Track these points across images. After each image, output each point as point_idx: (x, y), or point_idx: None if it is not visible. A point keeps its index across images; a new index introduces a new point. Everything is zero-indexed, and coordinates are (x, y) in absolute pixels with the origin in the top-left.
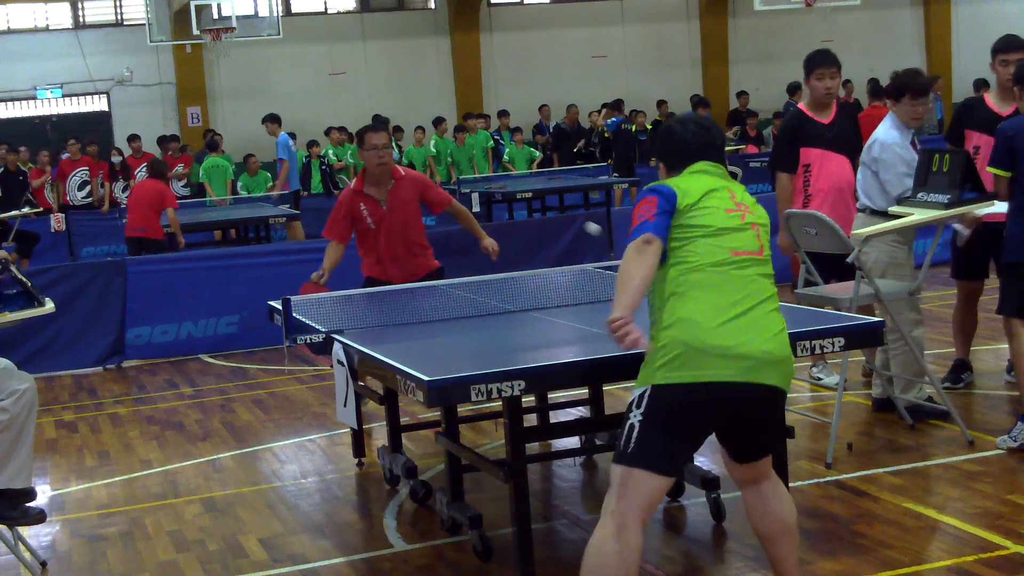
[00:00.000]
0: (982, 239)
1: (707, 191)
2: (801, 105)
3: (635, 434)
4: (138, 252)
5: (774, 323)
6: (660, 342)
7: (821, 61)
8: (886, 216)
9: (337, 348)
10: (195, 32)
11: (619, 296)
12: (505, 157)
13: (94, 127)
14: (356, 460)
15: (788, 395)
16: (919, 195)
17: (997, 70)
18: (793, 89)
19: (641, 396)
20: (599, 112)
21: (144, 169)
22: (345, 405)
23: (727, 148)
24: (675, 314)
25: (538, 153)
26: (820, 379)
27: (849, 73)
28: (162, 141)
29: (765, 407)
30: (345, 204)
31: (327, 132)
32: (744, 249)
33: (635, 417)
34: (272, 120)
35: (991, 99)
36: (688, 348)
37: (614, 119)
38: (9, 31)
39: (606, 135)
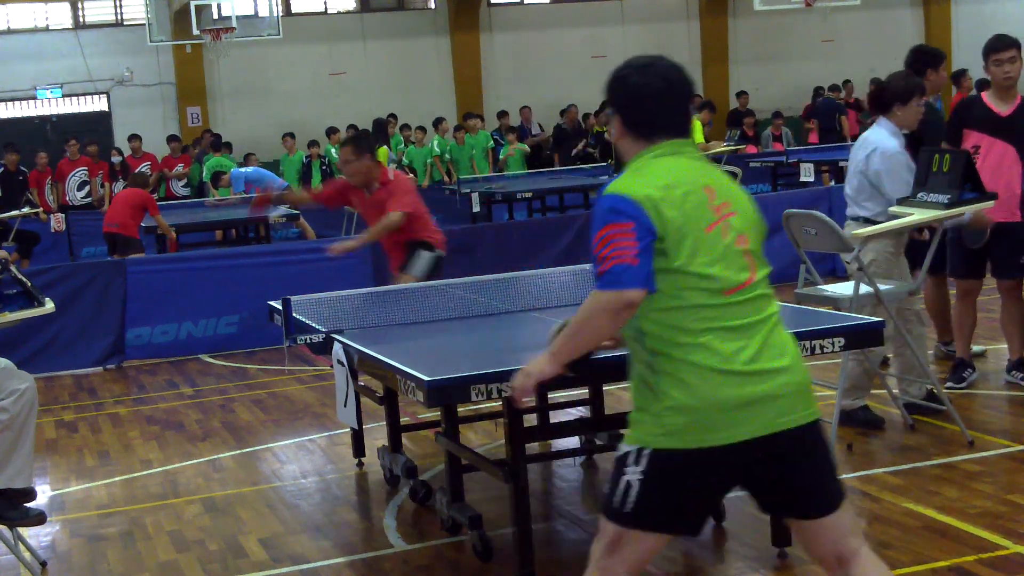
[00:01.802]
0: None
1: (683, 206)
2: (984, 94)
3: (633, 493)
4: (113, 248)
5: (782, 346)
6: (657, 406)
7: (995, 45)
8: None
9: (337, 348)
10: (195, 32)
11: (561, 346)
12: (501, 154)
13: (94, 127)
14: (356, 460)
15: None
16: (919, 195)
17: (991, 71)
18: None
19: (639, 454)
20: (595, 115)
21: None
22: (345, 405)
23: (727, 148)
24: (668, 378)
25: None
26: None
27: (849, 73)
28: (171, 140)
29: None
30: (344, 183)
31: (328, 132)
32: (735, 283)
33: (632, 474)
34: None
35: (989, 98)
36: (694, 414)
37: None
38: (9, 31)
39: (605, 135)
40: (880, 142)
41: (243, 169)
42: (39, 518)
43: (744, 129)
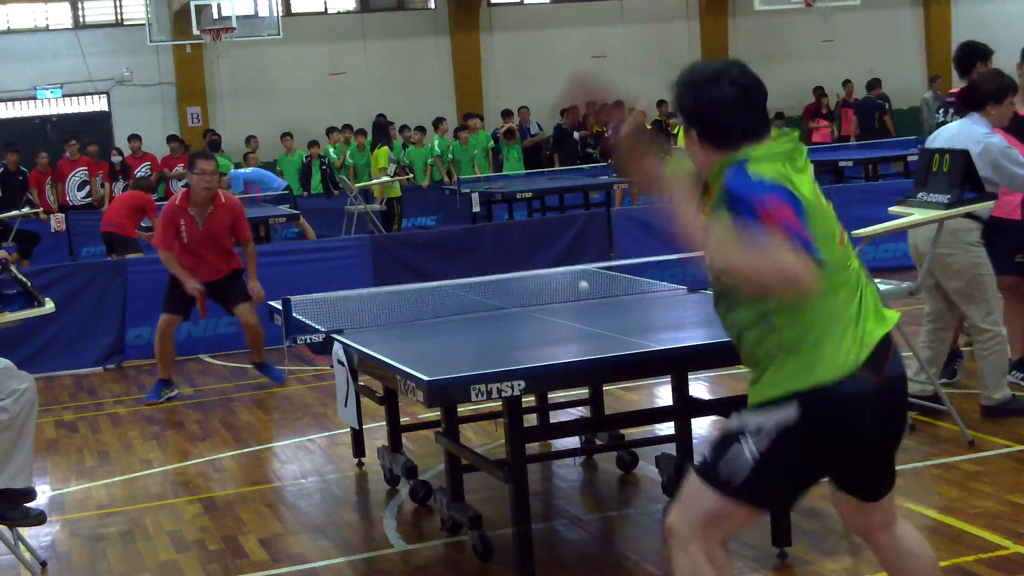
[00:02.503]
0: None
1: (804, 182)
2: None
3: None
4: (111, 248)
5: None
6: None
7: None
8: (972, 219)
9: (337, 348)
10: (195, 32)
11: (685, 223)
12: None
13: (94, 127)
14: (356, 460)
15: None
16: (919, 195)
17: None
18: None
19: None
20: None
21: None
22: (345, 405)
23: None
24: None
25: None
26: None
27: (849, 73)
28: (171, 140)
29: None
30: (170, 216)
31: (329, 132)
32: (839, 237)
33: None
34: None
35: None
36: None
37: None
38: (9, 31)
39: (606, 135)
40: (986, 136)
41: (242, 170)
42: (39, 518)
43: None
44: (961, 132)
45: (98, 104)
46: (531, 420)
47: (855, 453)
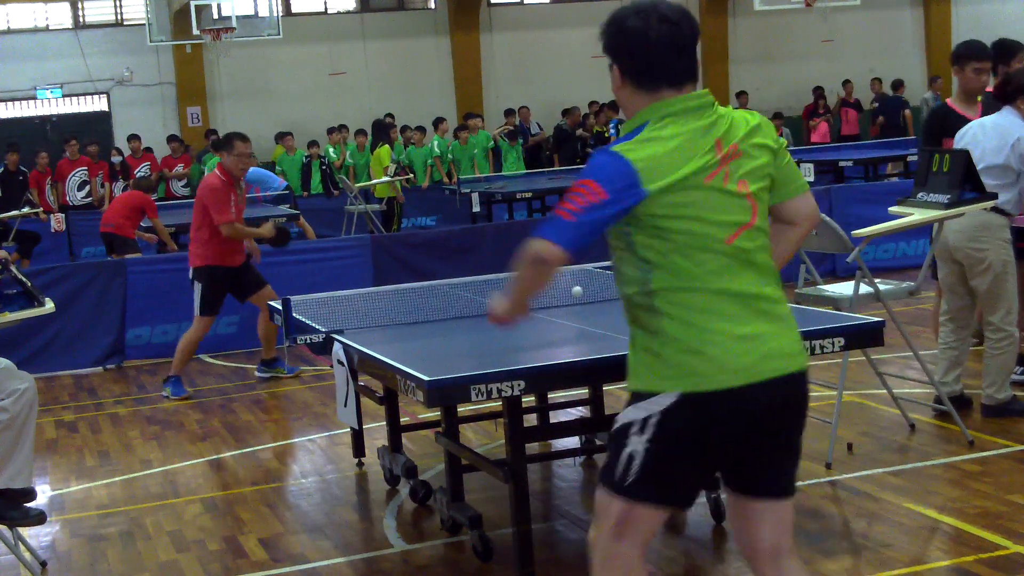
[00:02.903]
0: None
1: (686, 173)
2: (950, 101)
3: (644, 457)
4: (111, 248)
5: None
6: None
7: (977, 54)
8: (1003, 214)
9: (337, 348)
10: (195, 32)
11: (510, 297)
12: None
13: (94, 127)
14: (356, 460)
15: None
16: (919, 195)
17: (968, 77)
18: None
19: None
20: (595, 116)
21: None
22: (345, 405)
23: None
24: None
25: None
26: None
27: (849, 73)
28: (171, 140)
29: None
30: (225, 191)
31: (329, 132)
32: (737, 225)
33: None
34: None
35: (957, 105)
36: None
37: (614, 119)
38: (9, 31)
39: (606, 135)
40: (1019, 128)
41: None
42: (39, 518)
43: None
44: (995, 126)
45: (98, 104)
46: (531, 420)
47: (734, 449)
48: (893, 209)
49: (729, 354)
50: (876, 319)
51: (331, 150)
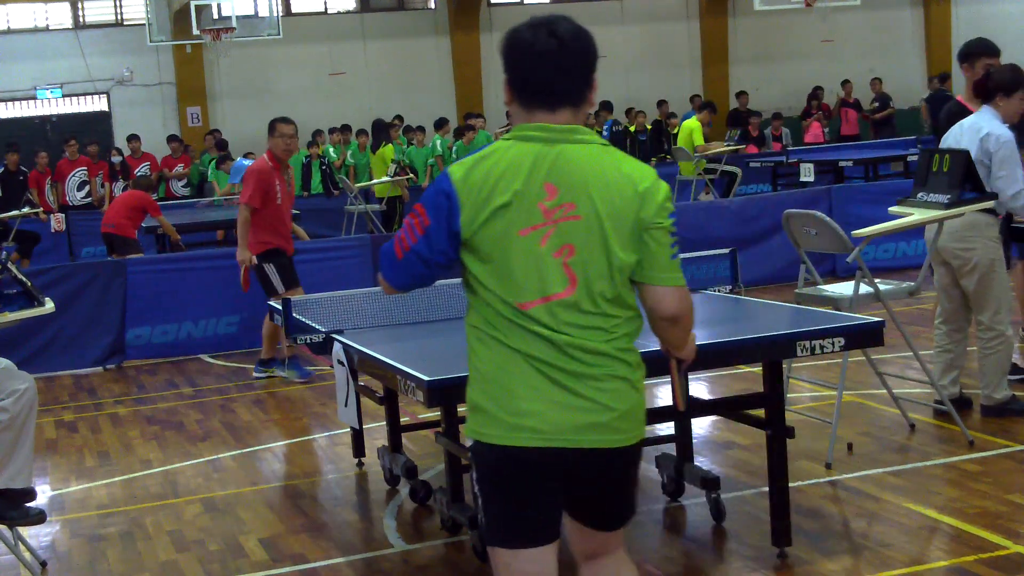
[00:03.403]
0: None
1: (499, 204)
2: (961, 98)
3: (479, 503)
4: (111, 248)
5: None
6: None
7: (988, 51)
8: (991, 213)
9: (337, 348)
10: (195, 32)
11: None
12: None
13: (94, 127)
14: (356, 460)
15: (785, 397)
16: (919, 195)
17: (978, 74)
18: (944, 78)
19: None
20: (595, 116)
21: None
22: (345, 405)
23: (727, 148)
24: (473, 366)
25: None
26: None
27: (849, 73)
28: (171, 140)
29: (593, 472)
30: (265, 176)
31: (331, 132)
32: (539, 296)
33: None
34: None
35: (968, 102)
36: (489, 407)
37: (608, 120)
38: (9, 31)
39: (602, 135)
40: (994, 128)
41: (246, 161)
42: (39, 518)
43: (749, 130)
44: (972, 125)
45: (98, 104)
46: None
47: (535, 492)
48: (893, 209)
49: (506, 415)
50: (876, 319)
51: (332, 150)
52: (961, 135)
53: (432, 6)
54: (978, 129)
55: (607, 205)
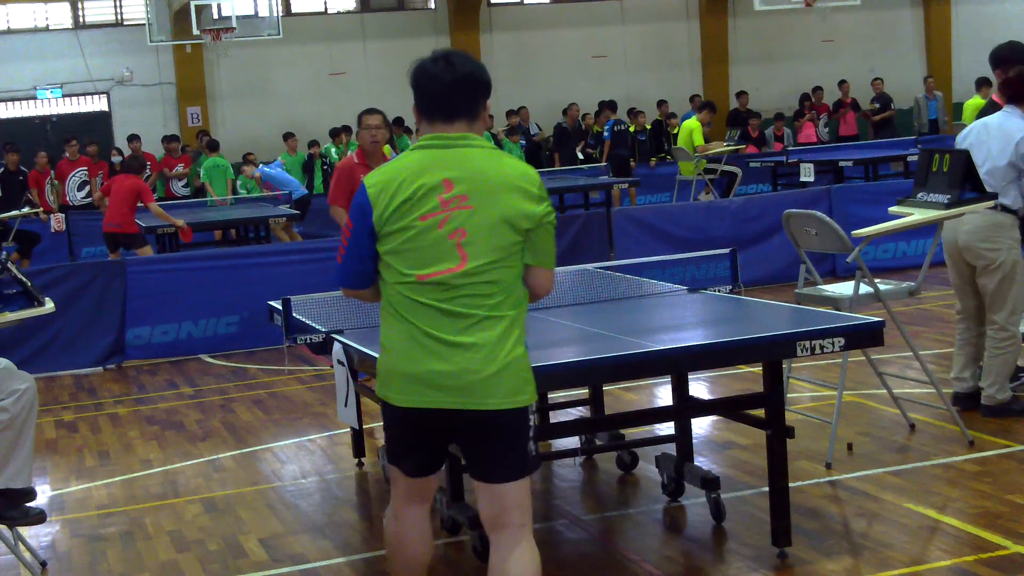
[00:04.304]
0: None
1: (403, 199)
2: (997, 97)
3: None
4: (115, 247)
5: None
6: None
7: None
8: (1012, 213)
9: (337, 348)
10: (195, 32)
11: None
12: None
13: (94, 127)
14: (356, 460)
15: (785, 397)
16: (919, 195)
17: None
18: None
19: None
20: (595, 116)
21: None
22: (345, 405)
23: (727, 148)
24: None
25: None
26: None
27: (849, 73)
28: (166, 140)
29: (468, 431)
30: (346, 172)
31: (331, 132)
32: (434, 269)
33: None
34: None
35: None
36: (385, 373)
37: (611, 120)
38: (9, 31)
39: (604, 136)
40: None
41: (268, 168)
42: (39, 518)
43: (748, 130)
44: (1000, 127)
45: (98, 104)
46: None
47: (427, 440)
48: (893, 209)
49: (398, 380)
50: (876, 319)
51: (333, 150)
52: (988, 136)
53: (432, 6)
54: (1011, 132)
55: (494, 197)
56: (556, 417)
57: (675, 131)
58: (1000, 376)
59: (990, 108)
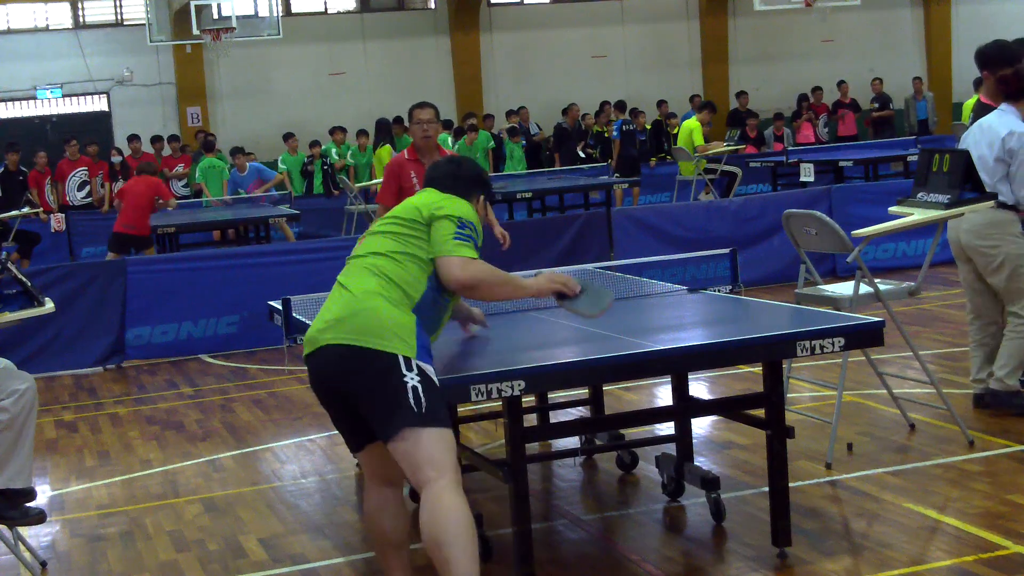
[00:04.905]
0: None
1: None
2: (983, 96)
3: None
4: (123, 248)
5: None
6: None
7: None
8: (1013, 210)
9: None
10: (195, 32)
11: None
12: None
13: (94, 127)
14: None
15: (785, 397)
16: (919, 195)
17: None
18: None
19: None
20: (596, 116)
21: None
22: None
23: (727, 148)
24: None
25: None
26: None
27: (848, 73)
28: (154, 141)
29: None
30: (394, 169)
31: (332, 132)
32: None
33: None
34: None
35: None
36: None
37: (619, 120)
38: (9, 31)
39: (606, 135)
40: (1016, 126)
41: (259, 164)
42: (39, 518)
43: (747, 130)
44: (991, 125)
45: (98, 104)
46: (531, 420)
47: (335, 401)
48: (893, 209)
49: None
50: (876, 319)
51: (333, 150)
52: (983, 135)
53: (432, 6)
54: (999, 128)
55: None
56: (556, 417)
57: (675, 131)
58: (1012, 359)
59: (980, 109)
